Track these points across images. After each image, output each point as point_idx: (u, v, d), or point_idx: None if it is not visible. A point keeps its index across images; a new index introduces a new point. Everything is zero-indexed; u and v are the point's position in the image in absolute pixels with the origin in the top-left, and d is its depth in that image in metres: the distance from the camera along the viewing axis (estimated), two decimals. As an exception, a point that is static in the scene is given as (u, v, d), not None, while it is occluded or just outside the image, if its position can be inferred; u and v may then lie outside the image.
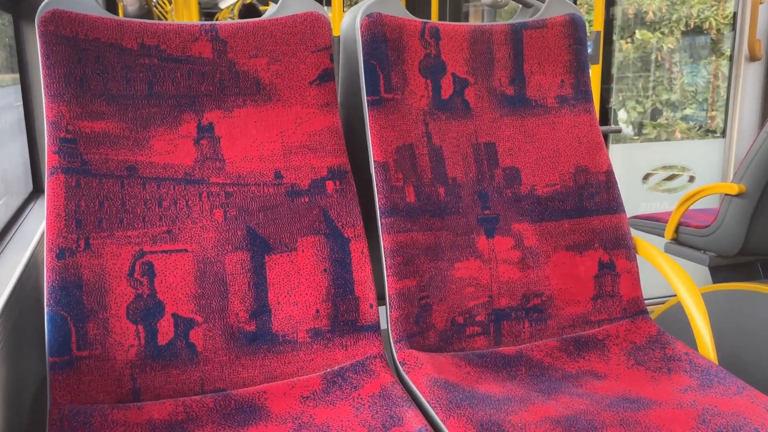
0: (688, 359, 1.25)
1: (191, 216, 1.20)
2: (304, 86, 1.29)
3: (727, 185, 2.05)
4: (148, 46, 1.22)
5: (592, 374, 1.25)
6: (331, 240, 1.25)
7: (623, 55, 3.48)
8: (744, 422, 1.04)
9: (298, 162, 1.27)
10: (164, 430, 1.05)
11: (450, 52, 1.38)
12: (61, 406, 1.05)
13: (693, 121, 3.60)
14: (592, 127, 1.46)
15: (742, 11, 3.16)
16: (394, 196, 1.29)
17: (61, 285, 1.10)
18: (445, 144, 1.36)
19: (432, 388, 1.10)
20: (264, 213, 1.24)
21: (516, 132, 1.41)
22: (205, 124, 1.24)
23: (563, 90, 1.45)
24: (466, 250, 1.33)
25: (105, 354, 1.10)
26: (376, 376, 1.17)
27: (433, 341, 1.27)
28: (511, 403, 1.11)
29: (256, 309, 1.20)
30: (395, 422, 1.04)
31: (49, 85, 1.16)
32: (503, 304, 1.34)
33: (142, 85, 1.21)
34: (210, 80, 1.25)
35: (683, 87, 3.67)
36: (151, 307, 1.15)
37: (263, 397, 1.14)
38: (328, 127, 1.30)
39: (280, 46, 1.28)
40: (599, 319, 1.39)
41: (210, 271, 1.19)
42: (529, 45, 1.44)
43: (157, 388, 1.12)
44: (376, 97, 1.31)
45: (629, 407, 1.11)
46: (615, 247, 1.42)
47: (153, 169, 1.20)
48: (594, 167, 1.44)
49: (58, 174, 1.14)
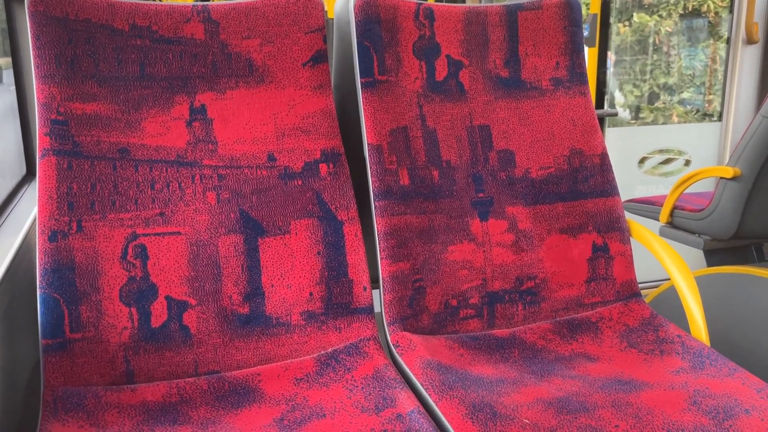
0: (681, 341, 1.25)
1: (184, 198, 1.20)
2: (297, 68, 1.28)
3: (722, 169, 2.05)
4: (139, 26, 1.21)
5: (585, 356, 1.25)
6: (324, 223, 1.25)
7: (621, 38, 3.46)
8: (735, 403, 1.05)
9: (291, 144, 1.27)
10: (158, 411, 1.05)
11: (444, 34, 1.37)
12: (54, 388, 1.05)
13: (690, 105, 3.59)
14: (587, 109, 1.45)
15: (740, -6, 3.15)
16: (387, 178, 1.28)
17: (53, 267, 1.10)
18: (439, 126, 1.35)
19: (425, 370, 1.10)
20: (257, 196, 1.23)
21: (510, 114, 1.41)
22: (197, 106, 1.23)
23: (558, 72, 1.45)
24: (460, 233, 1.33)
25: (98, 336, 1.10)
26: (369, 358, 1.18)
27: (426, 324, 1.27)
28: (504, 384, 1.12)
29: (249, 292, 1.20)
30: (388, 404, 1.05)
31: (40, 66, 1.15)
32: (497, 286, 1.34)
33: (133, 67, 1.20)
34: (202, 62, 1.24)
35: (681, 70, 3.66)
36: (144, 289, 1.15)
37: (257, 379, 1.15)
38: (322, 110, 1.29)
39: (273, 27, 1.27)
40: (592, 302, 1.39)
41: (203, 253, 1.19)
42: (524, 27, 1.43)
43: (150, 370, 1.13)
44: (369, 79, 1.30)
45: (621, 389, 1.11)
46: (609, 230, 1.42)
47: (145, 152, 1.20)
48: (588, 150, 1.44)
49: (49, 156, 1.14)
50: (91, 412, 1.02)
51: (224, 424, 1.04)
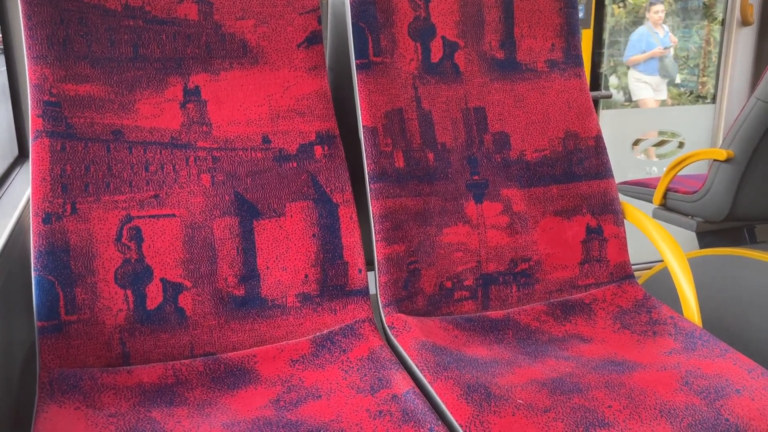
0: (673, 323, 1.26)
1: (178, 181, 1.20)
2: (292, 49, 1.27)
3: (715, 151, 2.06)
4: (132, 7, 1.20)
5: (579, 338, 1.26)
6: (319, 205, 1.25)
7: (615, 19, 3.45)
8: (726, 383, 1.06)
9: (285, 126, 1.26)
10: (154, 393, 1.06)
11: (440, 15, 1.37)
12: (50, 370, 1.05)
13: (684, 87, 3.59)
14: (582, 91, 1.45)
15: (736, -25, 3.14)
16: (382, 161, 1.28)
17: (48, 250, 1.10)
18: (434, 108, 1.35)
19: (420, 351, 1.11)
20: (252, 178, 1.23)
21: (506, 97, 1.40)
22: (191, 88, 1.22)
23: (554, 54, 1.44)
24: (455, 215, 1.33)
25: (94, 318, 1.11)
26: (364, 339, 1.18)
27: (421, 305, 1.28)
28: (498, 365, 1.13)
29: (245, 274, 1.20)
30: (383, 384, 1.06)
31: (32, 47, 1.14)
32: (491, 268, 1.34)
33: (126, 48, 1.19)
34: (196, 43, 1.23)
35: (675, 52, 3.65)
36: (140, 271, 1.15)
37: (253, 360, 1.15)
38: (316, 91, 1.28)
39: (267, 8, 1.26)
40: (586, 284, 1.40)
41: (198, 236, 1.19)
42: (520, 8, 1.42)
43: (146, 352, 1.13)
44: (364, 60, 1.29)
45: (614, 370, 1.12)
46: (603, 213, 1.43)
47: (139, 133, 1.19)
48: (583, 132, 1.44)
49: (42, 138, 1.13)
50: (87, 393, 1.02)
51: (220, 406, 1.04)
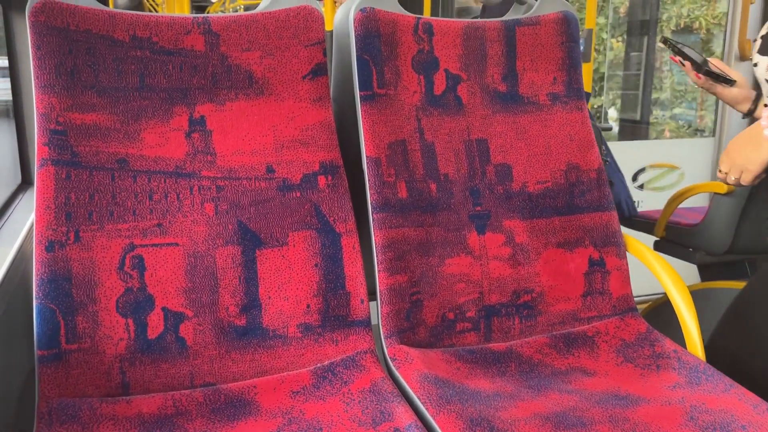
0: (677, 357, 1.26)
1: (182, 210, 1.20)
2: (297, 80, 1.29)
3: (715, 184, 2.06)
4: (139, 38, 1.21)
5: (582, 371, 1.25)
6: (322, 235, 1.25)
7: (614, 53, 3.49)
8: (731, 419, 1.05)
9: (290, 156, 1.27)
10: (153, 424, 1.05)
11: (443, 48, 1.38)
12: (49, 400, 1.04)
13: (682, 120, 3.62)
14: (584, 124, 1.46)
15: (733, 11, 3.18)
16: (385, 191, 1.29)
17: (50, 278, 1.09)
18: (437, 140, 1.36)
19: (422, 384, 1.10)
20: (255, 207, 1.23)
21: (508, 129, 1.41)
22: (196, 118, 1.23)
23: (555, 87, 1.46)
24: (457, 246, 1.33)
25: (94, 347, 1.10)
26: (366, 371, 1.17)
27: (423, 337, 1.27)
28: (501, 399, 1.12)
29: (246, 303, 1.20)
30: (385, 417, 1.04)
31: (40, 76, 1.15)
32: (494, 300, 1.34)
33: (133, 78, 1.21)
34: (202, 73, 1.24)
35: (673, 86, 3.69)
36: (141, 300, 1.14)
37: (253, 391, 1.14)
38: (321, 122, 1.29)
39: (273, 40, 1.28)
40: (589, 316, 1.39)
41: (200, 265, 1.18)
42: (522, 42, 1.44)
43: (146, 382, 1.12)
44: (368, 92, 1.30)
45: (618, 404, 1.11)
46: (605, 245, 1.43)
47: (144, 162, 1.19)
48: (585, 165, 1.45)
49: (48, 166, 1.14)
50: (86, 424, 1.01)
51: (220, 437, 1.03)
